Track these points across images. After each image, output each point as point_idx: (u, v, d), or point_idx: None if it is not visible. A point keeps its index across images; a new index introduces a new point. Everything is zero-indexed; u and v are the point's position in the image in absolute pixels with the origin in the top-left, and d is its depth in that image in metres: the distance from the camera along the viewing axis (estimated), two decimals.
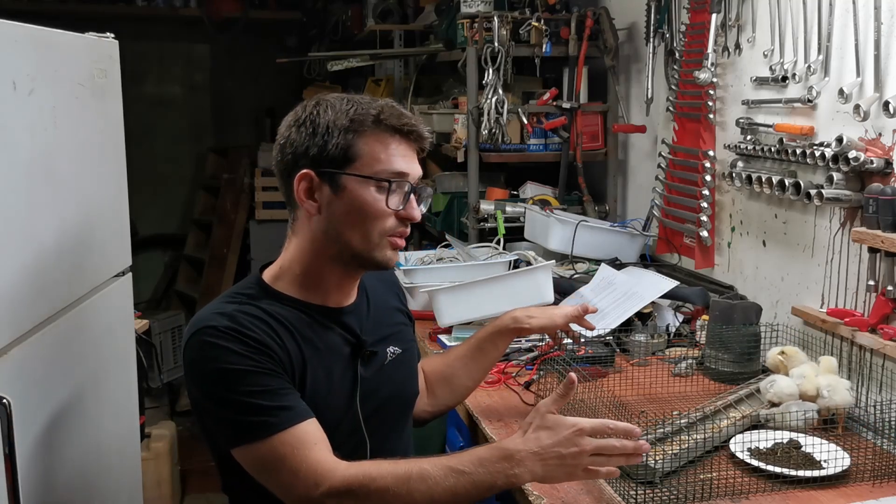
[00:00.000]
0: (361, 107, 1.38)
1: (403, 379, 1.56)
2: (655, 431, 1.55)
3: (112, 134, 2.08)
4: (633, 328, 2.19)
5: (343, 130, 1.36)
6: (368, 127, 1.37)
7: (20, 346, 1.55)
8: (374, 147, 1.37)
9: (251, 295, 1.41)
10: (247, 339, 1.31)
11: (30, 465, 1.56)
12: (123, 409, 2.16)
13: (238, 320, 1.33)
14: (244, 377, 1.30)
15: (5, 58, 1.52)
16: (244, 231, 5.56)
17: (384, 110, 1.38)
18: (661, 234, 2.74)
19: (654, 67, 2.78)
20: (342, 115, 1.37)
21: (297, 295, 1.44)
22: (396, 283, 1.70)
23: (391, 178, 1.37)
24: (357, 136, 1.37)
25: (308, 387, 1.38)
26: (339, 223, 1.39)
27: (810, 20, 1.98)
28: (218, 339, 1.31)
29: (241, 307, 1.36)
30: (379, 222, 1.38)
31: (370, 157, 1.37)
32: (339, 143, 1.36)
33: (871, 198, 1.74)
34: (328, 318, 1.45)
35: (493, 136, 2.92)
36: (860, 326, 1.79)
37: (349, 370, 1.45)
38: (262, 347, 1.32)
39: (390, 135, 1.38)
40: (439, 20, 3.76)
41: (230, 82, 6.18)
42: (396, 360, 1.53)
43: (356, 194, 1.37)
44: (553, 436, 1.27)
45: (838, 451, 1.51)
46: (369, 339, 1.48)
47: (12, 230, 1.54)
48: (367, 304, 1.53)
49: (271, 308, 1.39)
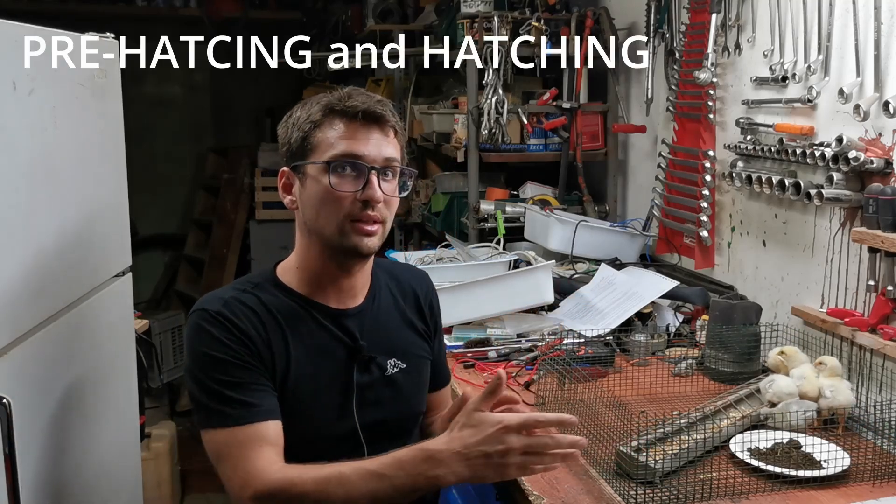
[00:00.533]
0: (325, 98, 1.41)
1: (406, 395, 1.52)
2: (655, 431, 1.55)
3: (112, 134, 2.08)
4: (633, 328, 2.19)
5: (304, 122, 1.40)
6: (325, 115, 1.39)
7: (20, 346, 1.55)
8: (327, 134, 1.39)
9: (258, 284, 1.45)
10: (232, 327, 1.35)
11: (30, 465, 1.56)
12: (123, 409, 2.16)
13: (230, 307, 1.37)
14: (218, 364, 1.34)
15: (5, 58, 1.52)
16: (244, 231, 5.57)
17: (340, 97, 1.40)
18: (661, 234, 2.74)
19: (654, 67, 2.78)
20: (306, 109, 1.41)
21: (301, 290, 1.45)
22: (424, 298, 1.61)
23: (340, 161, 1.37)
24: (314, 127, 1.39)
25: (291, 381, 1.39)
26: (309, 213, 1.41)
27: (810, 20, 1.98)
28: (206, 322, 1.36)
29: (242, 295, 1.40)
30: (338, 206, 1.37)
31: (324, 144, 1.38)
32: (299, 135, 1.40)
33: (871, 198, 1.74)
34: (327, 318, 1.45)
35: (493, 136, 2.92)
36: (860, 326, 1.79)
37: (343, 373, 1.44)
38: (245, 338, 1.35)
39: (339, 119, 1.39)
40: (439, 20, 3.76)
41: (230, 82, 6.18)
42: (399, 375, 1.50)
43: (316, 182, 1.39)
44: (476, 434, 1.22)
45: (838, 451, 1.51)
46: (369, 345, 1.46)
47: (12, 230, 1.53)
48: (374, 310, 1.51)
49: (271, 299, 1.42)
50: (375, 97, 1.42)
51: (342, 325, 1.45)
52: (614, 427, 1.57)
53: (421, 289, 1.62)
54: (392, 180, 1.42)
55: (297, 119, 1.42)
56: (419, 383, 1.57)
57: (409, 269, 1.68)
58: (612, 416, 1.61)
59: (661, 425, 1.57)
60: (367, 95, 1.41)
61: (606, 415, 1.62)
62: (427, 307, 1.61)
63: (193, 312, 1.39)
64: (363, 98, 1.40)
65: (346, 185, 1.37)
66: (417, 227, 4.00)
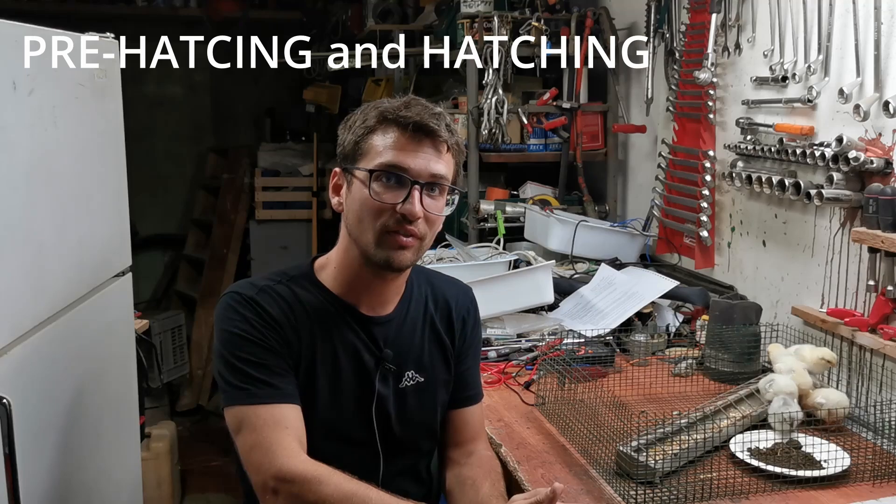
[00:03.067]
0: (385, 103, 1.39)
1: (415, 410, 1.50)
2: (655, 431, 1.55)
3: (112, 134, 2.08)
4: (633, 328, 2.19)
5: (359, 126, 1.39)
6: (379, 121, 1.38)
7: (20, 346, 1.55)
8: (378, 141, 1.37)
9: (293, 277, 1.45)
10: (262, 311, 1.37)
11: (30, 465, 1.56)
12: (123, 409, 2.16)
13: (263, 294, 1.39)
14: (246, 344, 1.36)
15: (5, 58, 1.52)
16: (244, 231, 5.56)
17: (398, 105, 1.38)
18: (661, 234, 2.74)
19: (654, 67, 2.78)
20: (364, 114, 1.40)
21: (335, 289, 1.45)
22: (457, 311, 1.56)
23: (384, 170, 1.35)
24: (369, 132, 1.38)
25: (315, 374, 1.40)
26: (351, 217, 1.40)
27: (810, 20, 1.98)
28: (237, 304, 1.38)
29: (276, 286, 1.42)
30: (376, 217, 1.36)
31: (374, 152, 1.37)
32: (353, 139, 1.39)
33: (871, 198, 1.73)
34: (357, 322, 1.44)
35: (493, 136, 2.92)
36: (860, 326, 1.79)
37: (367, 379, 1.44)
38: (274, 324, 1.37)
39: (395, 128, 1.36)
40: (439, 20, 3.76)
41: (230, 82, 6.18)
42: (412, 389, 1.49)
43: (359, 188, 1.38)
44: None
45: (838, 451, 1.51)
46: (393, 355, 1.46)
47: (12, 230, 1.54)
48: (402, 319, 1.49)
49: (304, 293, 1.42)
50: (433, 109, 1.39)
51: (370, 332, 1.45)
52: (614, 427, 1.57)
53: (457, 302, 1.57)
54: (438, 197, 1.39)
55: (354, 121, 1.41)
56: (432, 401, 1.53)
57: (449, 281, 1.63)
58: (612, 416, 1.61)
59: (661, 425, 1.57)
60: (424, 107, 1.38)
61: (606, 415, 1.62)
62: (459, 321, 1.56)
63: (225, 294, 1.41)
64: (419, 109, 1.37)
65: (387, 195, 1.35)
66: None
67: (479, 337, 1.63)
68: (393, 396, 1.47)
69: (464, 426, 1.58)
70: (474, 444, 1.57)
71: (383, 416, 1.45)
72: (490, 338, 2.18)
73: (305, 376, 1.39)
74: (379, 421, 1.45)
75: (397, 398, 1.47)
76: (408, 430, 1.49)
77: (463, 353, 1.57)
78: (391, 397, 1.46)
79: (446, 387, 1.55)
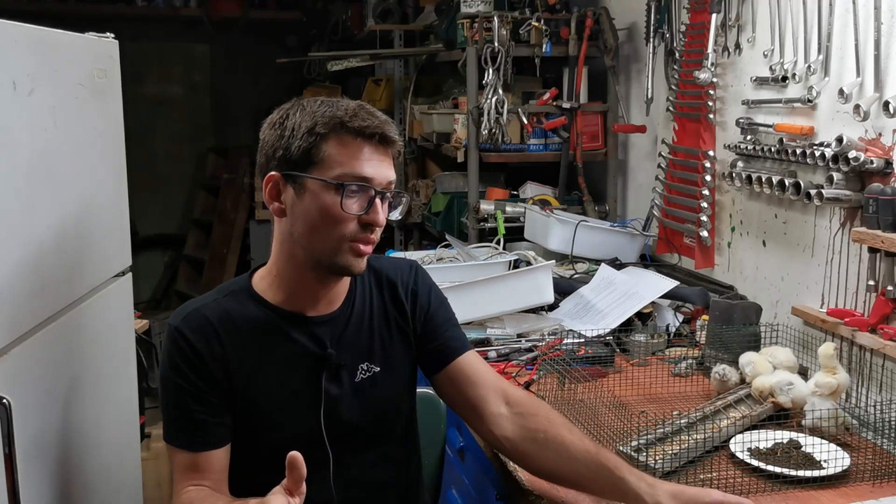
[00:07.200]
0: (330, 109, 1.36)
1: (378, 400, 1.48)
2: (655, 431, 1.55)
3: (112, 134, 2.08)
4: (633, 328, 2.19)
5: (307, 132, 1.35)
6: (333, 129, 1.34)
7: (20, 346, 1.55)
8: (337, 150, 1.34)
9: (232, 291, 1.46)
10: (187, 347, 1.38)
11: (30, 465, 1.56)
12: (123, 409, 2.16)
13: (190, 322, 1.40)
14: (171, 389, 1.40)
15: (5, 58, 1.52)
16: (244, 231, 5.57)
17: (349, 112, 1.35)
18: (661, 234, 2.74)
19: (654, 67, 2.78)
20: (308, 117, 1.36)
21: (273, 298, 1.44)
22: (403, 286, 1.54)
23: (352, 183, 1.34)
24: (321, 139, 1.34)
25: (256, 395, 1.40)
26: (301, 226, 1.37)
27: (810, 20, 1.98)
28: (169, 341, 1.41)
29: (212, 304, 1.43)
30: (339, 227, 1.35)
31: (332, 161, 1.34)
32: (302, 145, 1.35)
33: (871, 198, 1.73)
34: (298, 326, 1.43)
35: (493, 136, 2.92)
36: (860, 326, 1.79)
37: (312, 382, 1.43)
38: (198, 361, 1.38)
39: (353, 138, 1.34)
40: (439, 20, 3.77)
41: (230, 82, 6.18)
42: (370, 380, 1.47)
43: (316, 197, 1.35)
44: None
45: (838, 451, 1.51)
46: (340, 352, 1.44)
47: (12, 230, 1.53)
48: (348, 314, 1.48)
49: (241, 310, 1.42)
50: (382, 116, 1.38)
51: (313, 334, 1.44)
52: (614, 427, 1.57)
53: (401, 278, 1.54)
54: (388, 202, 1.40)
55: (295, 125, 1.36)
56: (397, 383, 1.52)
57: (390, 262, 1.61)
58: (612, 416, 1.61)
59: (661, 425, 1.57)
60: (373, 114, 1.37)
61: (606, 415, 1.62)
62: (407, 295, 1.54)
63: (170, 325, 1.42)
64: (372, 118, 1.36)
65: (353, 205, 1.34)
66: (417, 227, 4.00)
67: (437, 300, 1.58)
68: (350, 392, 1.45)
69: (472, 371, 1.51)
70: (499, 387, 1.50)
71: (336, 414, 1.44)
72: (490, 338, 2.18)
73: (246, 398, 1.40)
74: (329, 420, 1.43)
75: (355, 392, 1.46)
76: (374, 418, 1.48)
77: (427, 321, 1.54)
78: (347, 394, 1.45)
79: (409, 365, 1.53)
